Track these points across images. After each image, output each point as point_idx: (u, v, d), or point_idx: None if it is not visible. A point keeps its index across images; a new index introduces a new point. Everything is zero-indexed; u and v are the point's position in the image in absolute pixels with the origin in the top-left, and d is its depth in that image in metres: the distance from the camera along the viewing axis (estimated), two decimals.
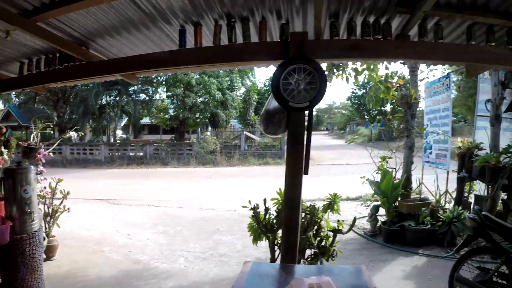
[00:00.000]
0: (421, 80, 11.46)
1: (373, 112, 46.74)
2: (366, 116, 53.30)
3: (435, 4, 3.76)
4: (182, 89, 29.61)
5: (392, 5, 3.96)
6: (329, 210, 5.21)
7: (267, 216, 4.92)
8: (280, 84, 3.82)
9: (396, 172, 8.35)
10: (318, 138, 58.82)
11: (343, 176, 17.37)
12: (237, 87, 35.95)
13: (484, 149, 8.10)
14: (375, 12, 4.14)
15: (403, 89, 8.62)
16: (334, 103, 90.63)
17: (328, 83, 8.34)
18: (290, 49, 3.96)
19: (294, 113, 3.97)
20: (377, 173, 8.51)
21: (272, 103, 4.19)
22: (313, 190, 11.50)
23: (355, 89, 55.42)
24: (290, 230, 4.11)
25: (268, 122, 4.23)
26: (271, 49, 4.21)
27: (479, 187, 8.53)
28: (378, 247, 7.31)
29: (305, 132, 4.05)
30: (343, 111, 73.23)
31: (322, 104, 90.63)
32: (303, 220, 4.80)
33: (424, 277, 5.99)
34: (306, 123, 4.08)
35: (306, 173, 4.06)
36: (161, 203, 11.74)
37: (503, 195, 7.23)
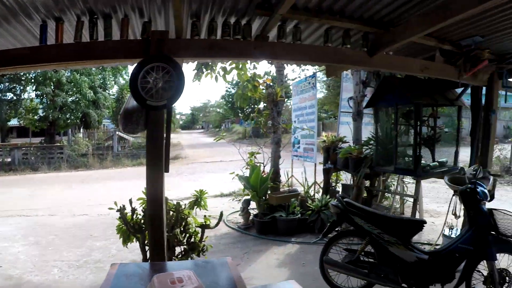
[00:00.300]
0: (293, 79, 12.02)
1: (247, 110, 47.65)
2: (240, 114, 54.11)
3: (293, 7, 3.99)
4: (52, 87, 27.63)
5: (252, 7, 4.12)
6: (196, 207, 5.34)
7: (134, 217, 4.89)
8: (138, 82, 3.87)
9: (264, 166, 8.68)
10: (194, 137, 58.86)
11: (217, 173, 17.59)
12: (109, 86, 34.25)
13: (348, 142, 8.73)
14: (235, 14, 4.30)
15: (270, 87, 8.99)
16: (209, 101, 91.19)
17: (197, 81, 8.60)
18: (151, 48, 4.00)
19: (153, 111, 4.03)
20: (246, 168, 8.75)
21: (131, 102, 4.21)
22: (187, 188, 11.60)
23: (229, 88, 56.06)
24: (156, 228, 4.17)
25: (126, 121, 4.23)
26: (132, 47, 4.23)
27: (346, 177, 9.16)
28: (252, 239, 7.55)
29: (164, 130, 4.13)
30: (218, 110, 73.70)
31: (197, 103, 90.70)
32: (171, 218, 4.88)
33: (298, 263, 6.30)
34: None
35: (166, 171, 4.14)
36: (31, 212, 10.98)
37: (367, 183, 7.85)
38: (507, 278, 4.47)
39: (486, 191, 4.65)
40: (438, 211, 9.48)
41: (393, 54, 5.92)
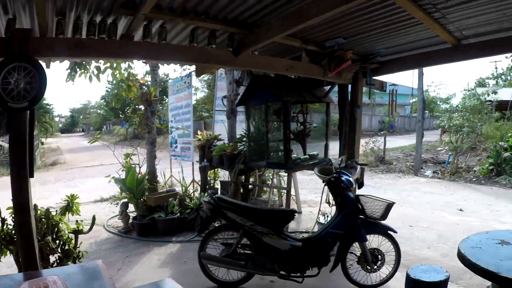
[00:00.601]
0: (174, 79, 11.92)
1: (128, 111, 46.26)
2: (121, 115, 52.62)
3: (157, 7, 4.06)
4: None
5: (117, 6, 4.11)
6: (68, 212, 5.22)
7: (4, 227, 4.64)
8: None
9: (140, 167, 8.56)
10: (74, 141, 55.99)
11: (97, 178, 16.93)
12: None
13: (223, 139, 8.88)
14: (101, 12, 4.26)
15: (144, 87, 8.92)
16: (90, 102, 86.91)
17: (71, 81, 8.30)
18: (13, 47, 3.82)
19: (15, 114, 3.87)
20: (122, 170, 8.59)
21: None
22: (64, 195, 11.17)
23: (109, 88, 54.10)
24: (25, 237, 4.02)
25: None
26: None
27: (224, 174, 9.30)
28: (133, 242, 7.42)
29: (28, 133, 3.99)
30: (99, 111, 71.01)
31: (76, 104, 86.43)
32: (42, 226, 4.71)
33: (180, 261, 6.33)
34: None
35: (31, 176, 4.01)
36: None
37: (243, 178, 8.07)
38: (379, 256, 4.95)
39: (351, 179, 5.05)
40: (316, 201, 9.98)
41: (261, 54, 6.18)
